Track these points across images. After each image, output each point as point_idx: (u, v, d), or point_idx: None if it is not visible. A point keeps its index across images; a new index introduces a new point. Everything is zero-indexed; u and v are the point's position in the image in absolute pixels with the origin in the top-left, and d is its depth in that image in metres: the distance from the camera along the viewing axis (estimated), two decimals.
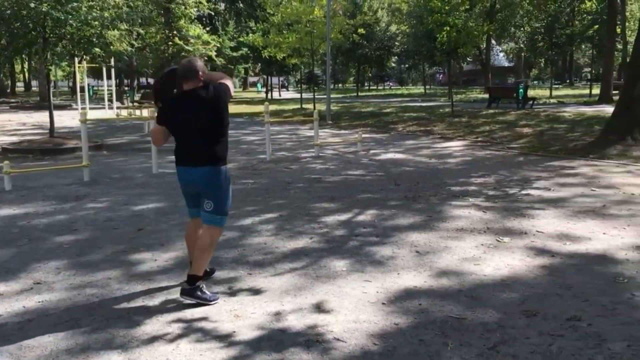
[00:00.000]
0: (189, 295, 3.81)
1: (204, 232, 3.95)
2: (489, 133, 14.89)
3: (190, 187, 4.06)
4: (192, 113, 3.85)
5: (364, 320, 3.54)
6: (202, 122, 3.86)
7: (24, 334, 3.38)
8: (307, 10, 24.66)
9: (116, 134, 16.88)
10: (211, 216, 3.93)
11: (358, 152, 11.88)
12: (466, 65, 63.64)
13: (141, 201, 7.14)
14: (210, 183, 3.91)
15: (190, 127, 3.88)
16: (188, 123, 3.88)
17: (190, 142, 3.94)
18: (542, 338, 3.26)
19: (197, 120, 3.85)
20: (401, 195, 7.30)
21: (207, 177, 3.90)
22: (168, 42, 33.78)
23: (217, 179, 3.92)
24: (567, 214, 6.18)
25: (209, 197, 3.93)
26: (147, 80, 76.35)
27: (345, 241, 5.29)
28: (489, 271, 4.40)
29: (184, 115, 3.88)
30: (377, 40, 47.26)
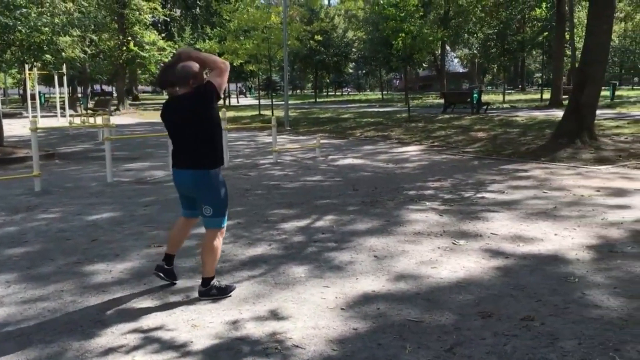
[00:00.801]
0: (206, 296, 4.02)
1: (207, 236, 4.10)
2: (445, 137, 15.15)
3: (181, 189, 4.19)
4: (179, 116, 3.98)
5: (322, 326, 3.54)
6: (186, 126, 3.96)
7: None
8: (263, 17, 24.67)
9: (69, 142, 16.47)
10: (210, 220, 4.07)
11: (316, 158, 11.92)
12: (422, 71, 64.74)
13: (95, 211, 6.98)
14: (198, 186, 4.02)
15: (178, 130, 4.03)
16: (176, 126, 4.03)
17: (179, 145, 4.07)
18: (497, 338, 3.33)
19: (182, 124, 3.98)
20: (359, 201, 7.35)
21: (193, 179, 4.00)
22: (122, 49, 33.23)
23: (205, 182, 4.01)
24: (520, 216, 6.33)
25: (204, 202, 4.04)
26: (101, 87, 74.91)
27: (304, 247, 5.29)
28: (445, 274, 4.47)
29: (173, 118, 4.03)
30: (335, 47, 47.64)
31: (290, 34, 23.80)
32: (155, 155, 13.04)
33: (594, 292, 4.02)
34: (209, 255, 4.04)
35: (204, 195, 4.03)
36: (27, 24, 11.48)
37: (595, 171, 9.34)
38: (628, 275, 4.34)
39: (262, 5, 32.25)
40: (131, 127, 22.42)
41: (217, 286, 4.07)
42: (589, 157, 10.59)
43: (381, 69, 52.16)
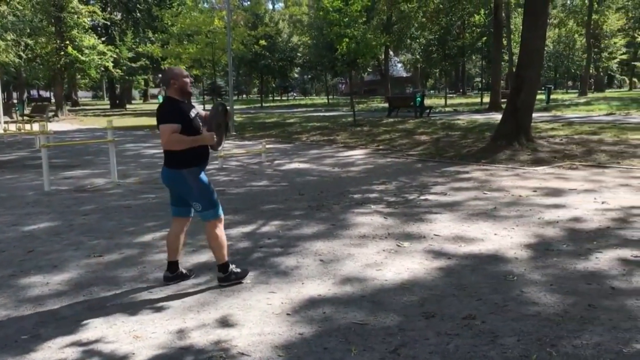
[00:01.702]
0: (227, 281, 4.34)
1: (207, 229, 4.38)
2: (390, 141, 15.38)
3: (165, 185, 4.44)
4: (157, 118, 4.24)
5: (268, 332, 3.52)
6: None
7: None
8: (207, 21, 24.42)
9: (4, 150, 15.82)
10: (203, 214, 4.32)
11: (262, 163, 11.87)
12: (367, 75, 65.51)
13: (32, 221, 6.72)
14: (174, 184, 4.31)
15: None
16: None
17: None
18: (440, 338, 3.39)
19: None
20: (305, 205, 7.36)
21: (168, 177, 4.30)
22: (60, 53, 32.20)
23: (179, 180, 4.26)
24: (462, 217, 6.49)
25: (191, 199, 4.30)
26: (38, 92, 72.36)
27: (250, 253, 5.26)
28: (390, 276, 4.52)
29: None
30: (280, 51, 47.63)
31: (235, 38, 23.66)
32: (95, 162, 12.68)
33: (531, 289, 4.16)
34: (215, 244, 4.34)
35: (185, 193, 4.29)
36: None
37: (532, 172, 9.68)
38: (564, 272, 4.51)
39: (205, 10, 31.91)
40: (70, 133, 21.73)
41: (235, 272, 4.39)
42: (526, 159, 10.97)
43: (326, 74, 52.51)
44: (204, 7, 36.02)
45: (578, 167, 10.12)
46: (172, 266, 4.48)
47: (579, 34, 54.72)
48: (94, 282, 4.51)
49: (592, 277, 4.38)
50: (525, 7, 13.19)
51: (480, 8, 35.38)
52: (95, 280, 4.57)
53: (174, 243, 4.47)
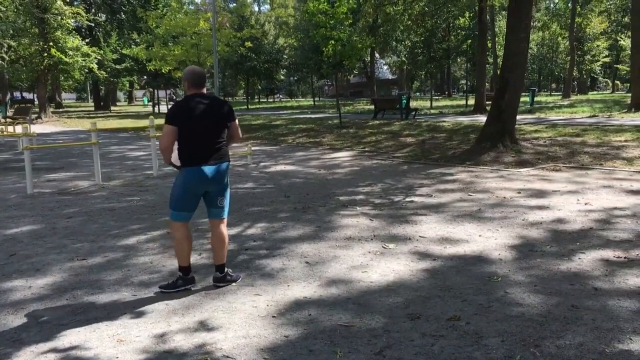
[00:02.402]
0: (222, 282, 4.42)
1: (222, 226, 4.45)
2: (375, 143, 15.41)
3: (207, 184, 4.35)
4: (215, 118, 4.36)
5: (254, 335, 3.51)
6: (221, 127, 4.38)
7: None
8: (192, 23, 24.33)
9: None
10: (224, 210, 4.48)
11: (248, 165, 11.84)
12: (353, 78, 65.67)
13: (14, 224, 6.64)
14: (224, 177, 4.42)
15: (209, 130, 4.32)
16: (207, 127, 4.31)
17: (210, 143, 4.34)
18: (425, 339, 3.40)
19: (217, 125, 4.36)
20: (291, 207, 7.35)
21: (225, 171, 4.42)
22: (44, 54, 31.89)
23: (227, 173, 4.43)
24: (447, 218, 6.51)
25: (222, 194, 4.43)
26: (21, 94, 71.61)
27: (235, 255, 5.23)
28: (375, 277, 4.53)
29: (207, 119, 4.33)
30: (266, 53, 47.53)
31: (220, 40, 23.60)
32: (79, 164, 12.56)
33: (515, 290, 4.18)
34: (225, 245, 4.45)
35: (223, 187, 4.38)
36: None
37: (516, 174, 9.75)
38: (547, 273, 4.54)
39: (190, 11, 31.79)
40: (54, 135, 21.52)
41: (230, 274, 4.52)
42: (510, 161, 11.05)
43: (312, 76, 52.55)
44: (189, 8, 35.87)
45: (561, 168, 10.21)
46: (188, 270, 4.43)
47: (563, 37, 55.28)
48: (77, 286, 4.46)
49: (575, 278, 4.41)
50: (509, 10, 13.31)
51: (465, 11, 35.63)
52: (78, 283, 4.52)
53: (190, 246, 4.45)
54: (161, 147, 4.21)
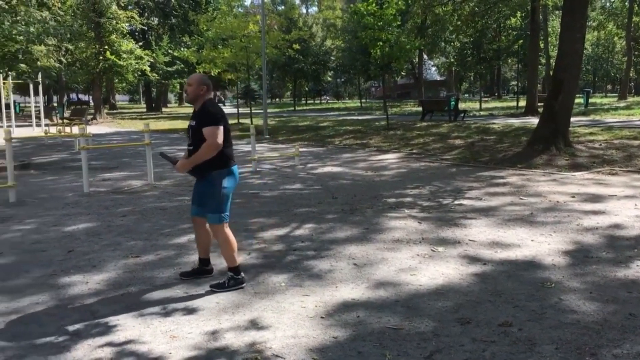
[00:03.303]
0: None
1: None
2: (423, 145, 15.27)
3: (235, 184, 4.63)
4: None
5: (302, 335, 3.53)
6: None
7: None
8: (241, 26, 24.64)
9: (45, 152, 16.25)
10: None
11: (295, 167, 11.92)
12: (400, 79, 65.23)
13: (71, 222, 6.88)
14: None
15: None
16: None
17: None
18: (476, 345, 3.35)
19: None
20: (338, 209, 7.36)
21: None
22: (99, 57, 32.93)
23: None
24: (498, 222, 6.40)
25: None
26: (77, 96, 74.10)
27: (284, 256, 5.28)
28: (424, 281, 4.49)
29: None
30: (313, 55, 47.79)
31: (269, 42, 23.84)
32: (132, 164, 12.92)
33: (570, 297, 4.07)
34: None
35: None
36: (1, 32, 11.33)
37: (570, 177, 9.49)
38: (603, 280, 4.41)
39: (240, 14, 32.26)
40: (108, 136, 22.19)
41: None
42: (564, 164, 10.76)
43: (359, 77, 52.46)
44: (239, 11, 36.39)
45: (618, 172, 9.88)
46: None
47: (619, 36, 53.45)
48: (132, 282, 4.59)
49: (633, 286, 4.26)
50: (563, 9, 12.96)
51: (517, 11, 34.89)
52: (132, 280, 4.65)
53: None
54: (217, 146, 4.27)
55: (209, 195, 4.37)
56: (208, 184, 4.38)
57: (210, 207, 4.37)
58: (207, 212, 4.40)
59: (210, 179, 4.37)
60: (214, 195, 4.34)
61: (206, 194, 4.40)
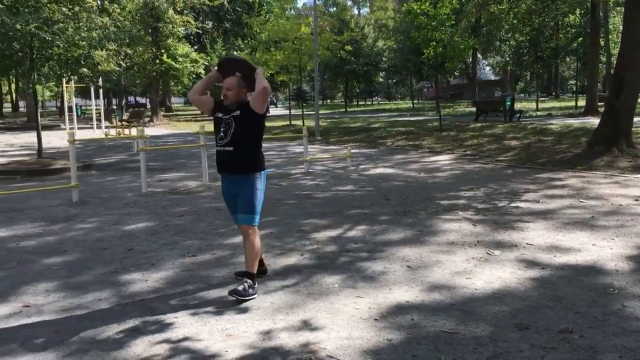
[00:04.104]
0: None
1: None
2: (477, 146, 15.00)
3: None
4: None
5: (356, 337, 3.53)
6: None
7: (13, 358, 3.34)
8: (294, 28, 24.82)
9: (105, 153, 16.82)
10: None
11: (347, 168, 11.91)
12: (453, 79, 64.31)
13: (131, 221, 7.10)
14: None
15: None
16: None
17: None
18: (535, 351, 3.26)
19: None
20: (391, 210, 7.31)
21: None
22: (156, 61, 33.83)
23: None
24: (556, 225, 6.21)
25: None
26: (135, 98, 76.35)
27: (337, 257, 5.29)
28: (480, 284, 4.41)
29: None
30: (365, 56, 47.63)
31: (321, 44, 23.92)
32: (188, 165, 13.20)
33: (634, 303, 3.92)
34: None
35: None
36: (65, 38, 11.78)
37: (633, 180, 9.12)
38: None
39: (292, 17, 32.51)
40: (164, 138, 22.76)
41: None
42: (626, 166, 10.35)
43: (411, 78, 51.97)
44: (291, 14, 36.71)
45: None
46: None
47: None
48: (189, 281, 4.69)
49: None
50: (625, 4, 12.46)
51: (576, 8, 33.80)
52: (189, 279, 4.75)
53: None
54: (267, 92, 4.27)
55: (245, 197, 4.32)
56: (246, 185, 4.33)
57: (244, 208, 4.33)
58: (239, 212, 4.36)
59: (249, 180, 4.33)
60: (251, 196, 4.32)
61: (241, 195, 4.34)
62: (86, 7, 13.43)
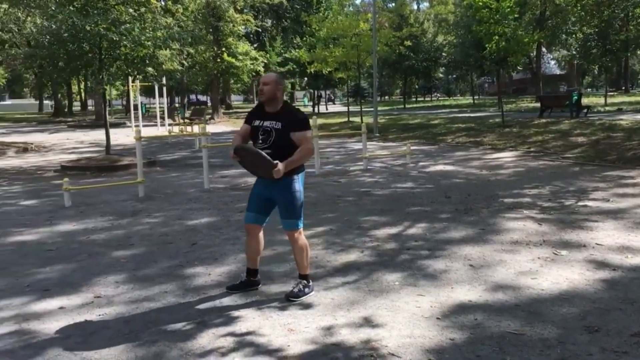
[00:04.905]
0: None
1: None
2: (542, 143, 14.54)
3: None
4: None
5: (418, 335, 3.49)
6: None
7: (87, 346, 3.49)
8: (352, 24, 24.77)
9: (168, 150, 17.29)
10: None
11: (407, 165, 11.80)
12: (516, 74, 62.56)
13: (194, 216, 7.27)
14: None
15: None
16: None
17: None
18: (605, 355, 3.14)
19: None
20: (452, 208, 7.20)
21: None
22: (217, 59, 34.52)
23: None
24: (628, 225, 5.96)
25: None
26: (196, 97, 78.13)
27: (397, 254, 5.25)
28: (546, 285, 4.28)
29: None
30: (424, 52, 47.01)
31: (380, 40, 23.77)
32: None
33: None
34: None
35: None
36: (132, 38, 12.17)
37: None
38: None
39: (350, 13, 32.46)
40: (225, 135, 23.18)
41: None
42: None
43: (472, 73, 50.90)
44: (350, 10, 36.63)
45: None
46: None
47: None
48: None
49: None
50: None
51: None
52: None
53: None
54: (313, 151, 4.27)
55: (286, 203, 4.14)
56: (284, 189, 4.12)
57: (287, 214, 4.15)
58: (283, 217, 4.19)
59: (287, 184, 4.11)
60: (292, 201, 4.13)
61: (281, 202, 4.16)
62: (151, 8, 13.85)
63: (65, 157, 15.41)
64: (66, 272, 5.04)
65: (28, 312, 4.10)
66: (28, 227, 6.88)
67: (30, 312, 4.08)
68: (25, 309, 4.16)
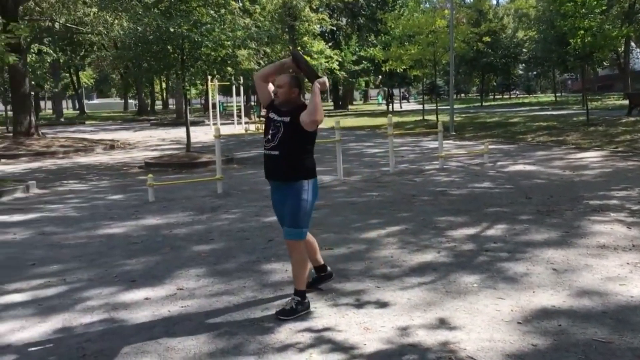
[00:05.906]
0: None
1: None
2: (631, 143, 13.79)
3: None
4: None
5: (498, 340, 3.40)
6: None
7: (170, 337, 3.63)
8: (429, 21, 24.39)
9: (245, 147, 17.69)
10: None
11: (484, 164, 11.51)
12: (602, 70, 59.64)
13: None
14: None
15: None
16: None
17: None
18: None
19: None
20: (533, 209, 6.95)
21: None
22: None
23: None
24: None
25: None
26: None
27: (475, 256, 5.13)
28: (636, 292, 4.06)
29: None
30: (503, 48, 45.68)
31: (457, 37, 23.28)
32: (322, 160, 13.48)
33: None
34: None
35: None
36: (212, 39, 12.53)
37: None
38: None
39: (427, 10, 31.95)
40: None
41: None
42: None
43: (554, 70, 48.99)
44: (426, 7, 36.10)
45: None
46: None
47: None
48: None
49: None
50: None
51: None
52: None
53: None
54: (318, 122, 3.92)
55: (291, 208, 3.96)
56: (291, 194, 3.96)
57: (288, 221, 3.97)
58: (285, 224, 4.03)
59: (295, 189, 3.95)
60: (296, 208, 3.94)
61: (287, 205, 3.99)
62: (230, 9, 14.20)
63: (149, 154, 16.09)
64: (150, 264, 5.26)
65: (117, 301, 4.31)
66: (115, 221, 7.23)
67: (118, 302, 4.29)
68: (114, 298, 4.38)
